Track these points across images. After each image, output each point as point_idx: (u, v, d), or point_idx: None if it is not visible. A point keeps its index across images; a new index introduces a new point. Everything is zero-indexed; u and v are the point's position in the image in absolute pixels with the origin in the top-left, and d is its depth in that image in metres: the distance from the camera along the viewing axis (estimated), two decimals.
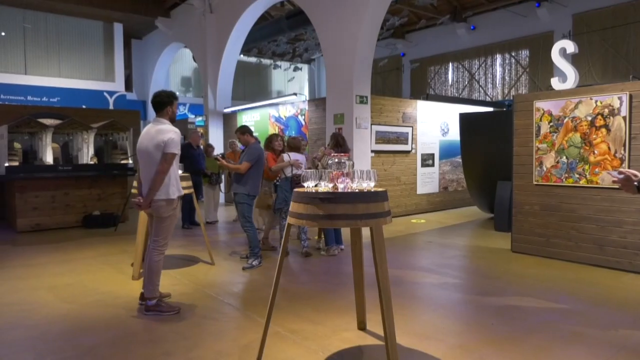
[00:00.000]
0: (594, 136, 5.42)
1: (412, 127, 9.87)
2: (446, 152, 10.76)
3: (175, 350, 3.27)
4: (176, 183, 4.00)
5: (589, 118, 5.46)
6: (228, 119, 12.63)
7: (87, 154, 9.13)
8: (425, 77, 16.99)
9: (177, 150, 3.88)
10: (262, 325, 3.09)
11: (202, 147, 9.20)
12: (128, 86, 17.02)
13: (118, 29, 15.69)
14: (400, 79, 17.80)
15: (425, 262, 5.84)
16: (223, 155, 7.46)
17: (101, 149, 9.91)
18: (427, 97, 10.84)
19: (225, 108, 12.60)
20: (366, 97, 8.59)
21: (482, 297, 4.44)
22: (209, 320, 3.85)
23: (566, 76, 5.80)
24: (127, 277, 5.13)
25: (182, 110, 17.98)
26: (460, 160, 9.57)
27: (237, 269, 5.52)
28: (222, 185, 9.58)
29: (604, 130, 5.34)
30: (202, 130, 12.97)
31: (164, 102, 3.99)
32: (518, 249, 6.21)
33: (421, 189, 10.23)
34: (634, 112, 5.14)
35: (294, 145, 6.43)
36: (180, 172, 5.61)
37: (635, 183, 1.91)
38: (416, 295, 4.55)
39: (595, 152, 5.41)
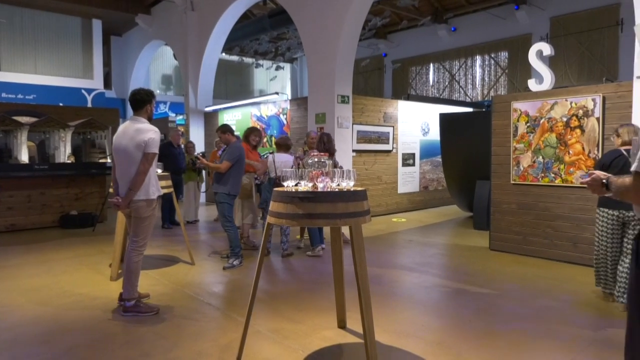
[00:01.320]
0: (569, 137, 5.55)
1: (393, 126, 9.95)
2: (427, 151, 10.87)
3: (154, 351, 3.24)
4: (155, 183, 3.96)
5: (564, 119, 5.59)
6: (209, 118, 12.54)
7: (64, 153, 8.97)
8: (406, 77, 17.13)
9: (157, 149, 3.85)
10: (243, 324, 3.08)
11: (182, 146, 9.12)
12: (107, 84, 16.76)
13: (97, 25, 15.43)
14: (382, 79, 17.91)
15: (405, 261, 5.90)
16: (203, 154, 7.41)
17: (79, 148, 9.76)
18: (408, 97, 10.94)
19: (206, 107, 12.51)
20: (348, 96, 8.63)
21: (460, 294, 4.51)
22: (189, 320, 3.83)
23: (543, 78, 5.92)
24: (105, 278, 5.06)
25: (162, 109, 17.79)
26: (441, 159, 9.69)
27: (217, 268, 5.49)
28: (203, 185, 9.52)
29: (578, 130, 5.47)
30: (182, 129, 12.84)
31: (143, 101, 3.93)
32: (496, 247, 6.33)
33: (402, 188, 10.32)
34: (607, 114, 5.28)
35: (283, 144, 6.37)
36: (159, 171, 5.59)
37: (604, 181, 1.94)
38: (396, 293, 4.60)
39: (570, 152, 5.54)
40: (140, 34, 15.63)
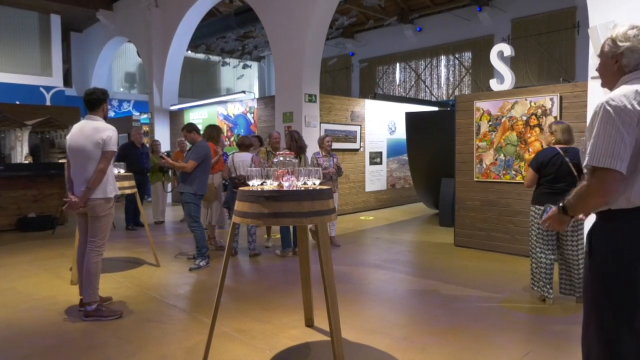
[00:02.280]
0: (529, 135, 5.73)
1: (361, 125, 10.03)
2: (394, 150, 11.01)
3: (117, 355, 3.16)
4: (113, 182, 3.92)
5: (524, 118, 5.76)
6: (175, 117, 12.31)
7: (21, 153, 8.62)
8: (373, 76, 17.30)
9: (115, 148, 3.85)
10: (209, 326, 3.04)
11: (147, 145, 8.92)
12: (67, 81, 16.20)
13: (55, 20, 14.88)
14: (349, 78, 18.03)
15: (373, 258, 5.96)
16: (168, 154, 7.27)
17: (37, 148, 9.40)
18: (375, 97, 11.05)
19: (171, 105, 12.28)
20: (315, 95, 8.64)
21: (426, 290, 4.59)
22: (153, 323, 3.75)
23: (504, 78, 6.09)
24: (66, 282, 4.89)
25: (126, 107, 17.35)
26: (407, 158, 9.83)
27: (183, 270, 5.40)
28: (169, 185, 9.34)
29: (537, 129, 5.66)
30: (147, 128, 12.57)
31: (100, 100, 3.92)
32: (461, 242, 6.47)
33: (370, 187, 10.41)
34: (564, 112, 5.48)
35: (242, 144, 6.38)
36: (122, 171, 5.46)
37: (561, 205, 1.89)
38: (363, 290, 4.64)
39: (530, 149, 5.72)
40: (102, 30, 15.18)
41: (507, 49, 6.10)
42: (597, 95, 4.93)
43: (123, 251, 6.37)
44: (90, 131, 3.77)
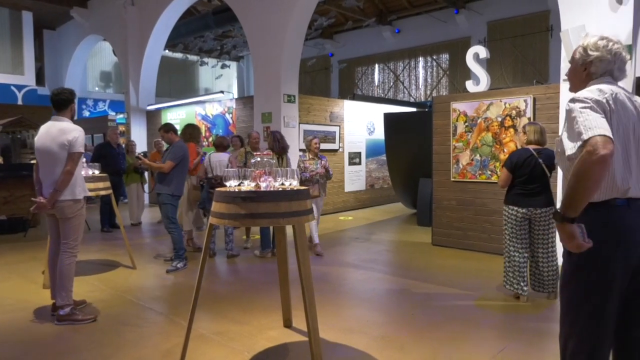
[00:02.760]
0: (504, 136, 5.84)
1: (340, 126, 10.07)
2: (372, 150, 11.08)
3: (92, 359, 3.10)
4: (81, 183, 3.86)
5: (499, 119, 5.87)
6: (152, 117, 12.14)
7: None
8: (352, 77, 17.38)
9: (82, 149, 3.80)
10: (186, 328, 3.01)
11: (123, 145, 8.77)
12: (40, 80, 15.80)
13: (27, 17, 14.50)
14: (328, 78, 18.06)
15: (351, 258, 5.99)
16: (145, 154, 7.16)
17: (8, 148, 9.14)
18: (354, 97, 11.10)
19: (148, 105, 12.10)
20: (294, 96, 8.63)
21: (404, 289, 4.63)
22: (129, 326, 3.69)
23: (479, 79, 6.19)
24: (38, 286, 4.78)
25: (101, 107, 17.04)
26: (386, 158, 9.90)
27: (160, 272, 5.33)
28: (146, 186, 9.21)
29: (512, 130, 5.77)
30: (123, 128, 12.37)
31: (68, 100, 3.88)
32: (438, 242, 6.55)
33: (349, 187, 10.46)
34: (537, 114, 5.60)
35: (219, 144, 6.33)
36: (97, 172, 5.36)
37: (558, 211, 1.78)
38: (342, 290, 4.66)
39: (505, 150, 5.83)
40: (76, 28, 14.86)
41: (482, 51, 6.20)
42: (568, 97, 5.05)
43: (98, 253, 6.25)
44: (56, 132, 3.72)
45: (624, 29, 4.74)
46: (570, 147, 1.75)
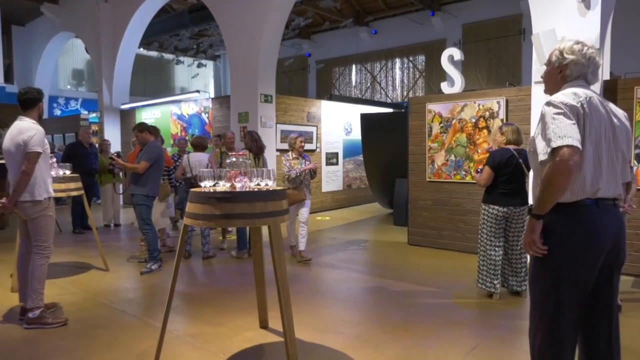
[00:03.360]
0: (477, 136, 5.95)
1: (317, 126, 10.08)
2: (349, 151, 11.12)
3: None
4: (44, 184, 3.75)
5: (473, 120, 5.98)
6: (125, 116, 11.91)
7: None
8: (330, 77, 17.42)
9: (39, 148, 3.65)
10: (160, 331, 2.97)
11: (96, 145, 8.59)
12: (8, 78, 15.29)
13: None
14: (306, 78, 18.07)
15: (328, 258, 6.00)
16: (119, 154, 7.02)
17: None
18: (331, 98, 11.13)
19: (122, 104, 11.88)
20: (271, 96, 8.60)
21: (380, 288, 4.67)
22: (101, 329, 3.62)
23: (454, 81, 6.28)
24: (6, 289, 4.64)
25: (73, 106, 16.65)
26: (363, 158, 9.95)
27: (134, 274, 5.24)
28: (121, 187, 9.03)
29: (485, 131, 5.88)
30: (96, 128, 12.10)
31: (35, 100, 3.79)
32: (414, 241, 6.63)
33: (326, 187, 10.47)
34: (510, 115, 5.72)
35: (198, 145, 6.25)
36: (68, 172, 5.23)
37: (530, 209, 1.93)
38: (318, 290, 4.66)
39: (479, 150, 5.93)
40: (47, 24, 14.46)
41: (457, 53, 6.29)
42: (540, 99, 5.18)
43: (69, 256, 6.11)
44: (15, 133, 3.66)
45: (591, 33, 4.89)
46: (542, 152, 1.84)
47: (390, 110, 12.15)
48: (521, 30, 12.90)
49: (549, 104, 1.87)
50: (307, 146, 9.79)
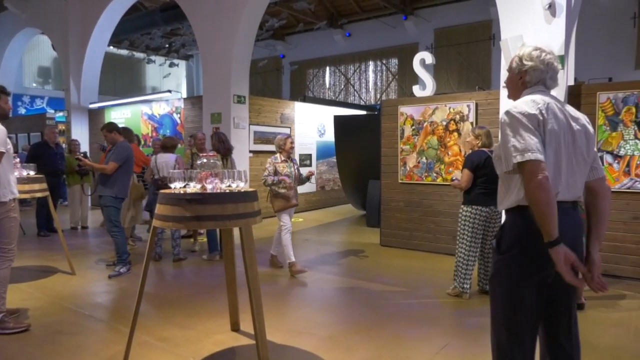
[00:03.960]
0: (448, 139, 6.05)
1: (291, 127, 10.06)
2: (323, 152, 11.15)
3: None
4: (8, 184, 3.62)
5: (444, 123, 6.08)
6: (94, 116, 11.62)
7: None
8: (304, 79, 17.43)
9: (2, 148, 3.51)
10: (128, 335, 2.91)
11: (63, 145, 8.34)
12: None
13: None
14: (280, 80, 18.02)
15: (301, 260, 5.98)
16: (85, 154, 6.85)
17: None
18: (305, 99, 11.13)
19: (90, 103, 11.58)
20: (244, 97, 8.54)
21: (352, 289, 4.69)
22: (66, 335, 3.51)
23: (425, 84, 6.38)
24: None
25: (39, 104, 16.14)
26: (336, 160, 9.99)
27: (102, 277, 5.11)
28: (89, 188, 8.79)
29: (455, 134, 5.99)
30: (63, 127, 11.76)
31: None
32: (386, 242, 6.69)
33: (299, 189, 10.37)
34: (479, 118, 5.84)
35: (166, 145, 6.14)
36: (32, 173, 5.07)
37: (546, 242, 1.78)
38: (291, 292, 4.65)
39: (449, 153, 6.04)
40: (11, 19, 13.95)
41: (428, 57, 6.39)
42: (508, 103, 5.29)
43: (33, 259, 5.91)
44: None
45: (557, 39, 5.04)
46: (505, 163, 1.89)
47: (363, 112, 12.22)
48: (491, 35, 13.21)
49: (507, 113, 1.91)
50: None
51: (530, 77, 2.02)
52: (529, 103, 1.91)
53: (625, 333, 3.55)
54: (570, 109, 2.02)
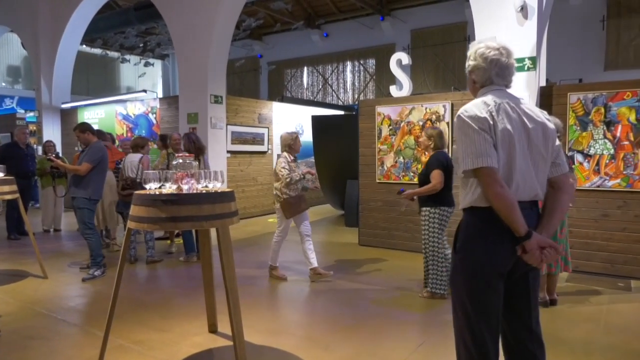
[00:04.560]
0: None
1: (268, 128, 10.02)
2: (301, 152, 10.96)
3: None
4: None
5: (421, 123, 6.15)
6: (66, 116, 11.35)
7: None
8: (282, 79, 17.39)
9: None
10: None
11: (33, 146, 8.12)
12: None
13: None
14: (257, 80, 17.94)
15: (279, 260, 5.95)
16: (58, 155, 6.68)
17: None
18: (282, 99, 11.10)
19: (63, 103, 11.31)
20: (221, 96, 8.47)
21: (330, 289, 4.70)
22: (38, 340, 3.42)
23: (402, 85, 6.44)
24: None
25: (9, 104, 15.67)
26: (314, 160, 9.99)
27: (75, 281, 5.00)
28: (62, 189, 8.57)
29: None
30: (34, 128, 11.46)
31: None
32: (365, 242, 6.72)
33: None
34: (455, 118, 5.92)
35: (134, 145, 6.00)
36: (1, 174, 4.93)
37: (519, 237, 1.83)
38: (269, 292, 4.64)
39: (426, 153, 6.10)
40: None
41: (405, 58, 6.45)
42: None
43: (3, 263, 5.74)
44: None
45: (529, 41, 5.16)
46: (461, 166, 1.88)
47: (341, 112, 12.27)
48: (466, 37, 13.41)
49: (458, 117, 1.88)
50: (259, 148, 9.73)
51: (477, 76, 1.97)
52: (480, 105, 1.87)
53: (595, 328, 3.65)
54: (526, 107, 1.95)
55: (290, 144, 5.10)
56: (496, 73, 1.94)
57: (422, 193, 4.28)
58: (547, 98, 5.33)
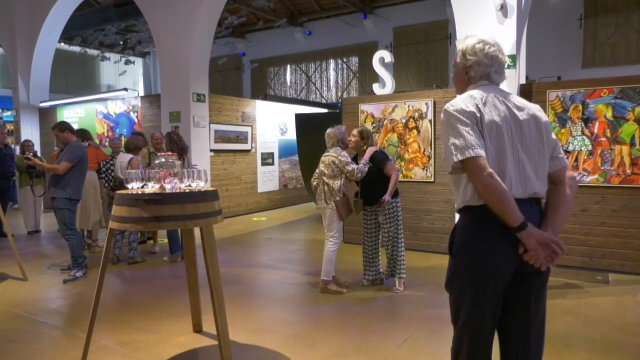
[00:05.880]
0: (408, 136, 6.17)
1: (252, 126, 9.98)
2: (285, 151, 11.12)
3: None
4: None
5: (404, 120, 6.19)
6: (45, 115, 11.14)
7: None
8: (265, 77, 17.31)
9: None
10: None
11: (11, 146, 7.94)
12: None
13: None
14: (240, 78, 17.83)
15: (264, 259, 5.97)
16: (35, 154, 6.54)
17: None
18: (266, 97, 11.06)
19: (41, 102, 11.09)
20: (204, 95, 8.41)
21: (316, 287, 4.70)
22: (19, 343, 3.37)
23: (385, 83, 6.47)
24: None
25: None
26: (298, 158, 9.99)
27: (56, 282, 4.92)
28: (41, 189, 8.41)
29: (415, 131, 6.11)
30: (11, 127, 11.22)
31: None
32: (349, 239, 6.74)
33: (262, 187, 10.40)
34: (437, 116, 5.99)
35: (129, 147, 5.92)
36: None
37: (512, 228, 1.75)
38: (254, 291, 4.63)
39: (409, 150, 6.16)
40: None
41: (387, 56, 6.49)
42: None
43: None
44: None
45: (509, 39, 5.23)
46: (449, 164, 1.83)
47: (324, 110, 12.28)
48: (447, 35, 13.53)
49: (445, 111, 1.85)
50: (242, 146, 9.69)
51: (475, 72, 1.92)
52: (466, 99, 1.84)
53: (575, 320, 3.74)
54: (516, 99, 1.92)
55: (343, 138, 4.69)
56: (495, 70, 1.93)
57: (393, 187, 4.51)
58: (526, 95, 5.42)
